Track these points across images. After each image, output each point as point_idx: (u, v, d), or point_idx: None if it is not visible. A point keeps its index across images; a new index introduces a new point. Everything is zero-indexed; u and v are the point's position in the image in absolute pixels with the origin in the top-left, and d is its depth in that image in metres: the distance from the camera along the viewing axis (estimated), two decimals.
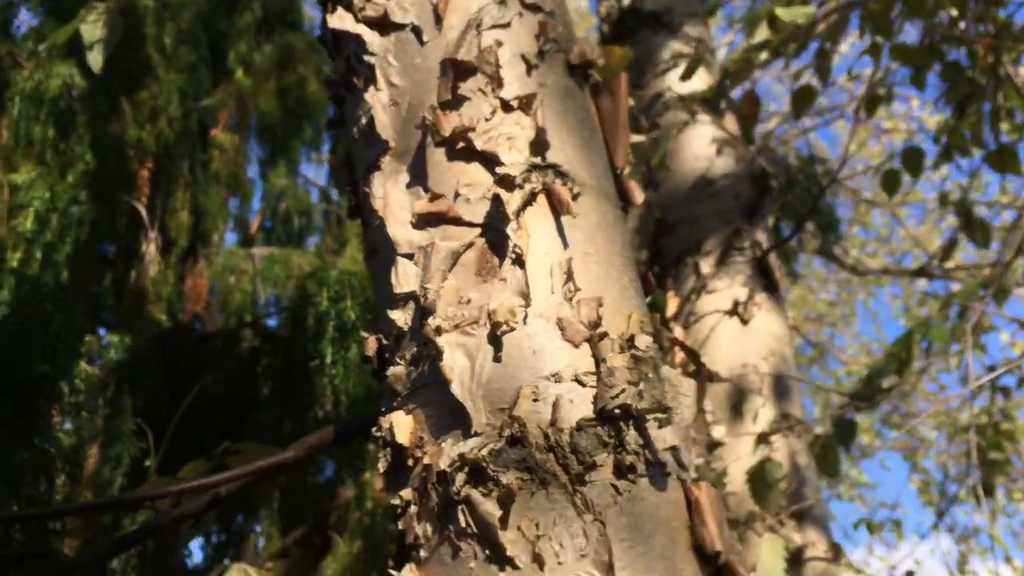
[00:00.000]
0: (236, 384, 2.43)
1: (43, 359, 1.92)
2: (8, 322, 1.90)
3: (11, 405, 1.89)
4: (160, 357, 2.34)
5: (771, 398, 2.22)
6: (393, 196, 1.11)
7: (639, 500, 0.99)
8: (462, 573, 0.96)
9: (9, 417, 1.88)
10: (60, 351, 1.93)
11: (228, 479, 1.27)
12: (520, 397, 1.00)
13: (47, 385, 1.92)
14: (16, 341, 1.87)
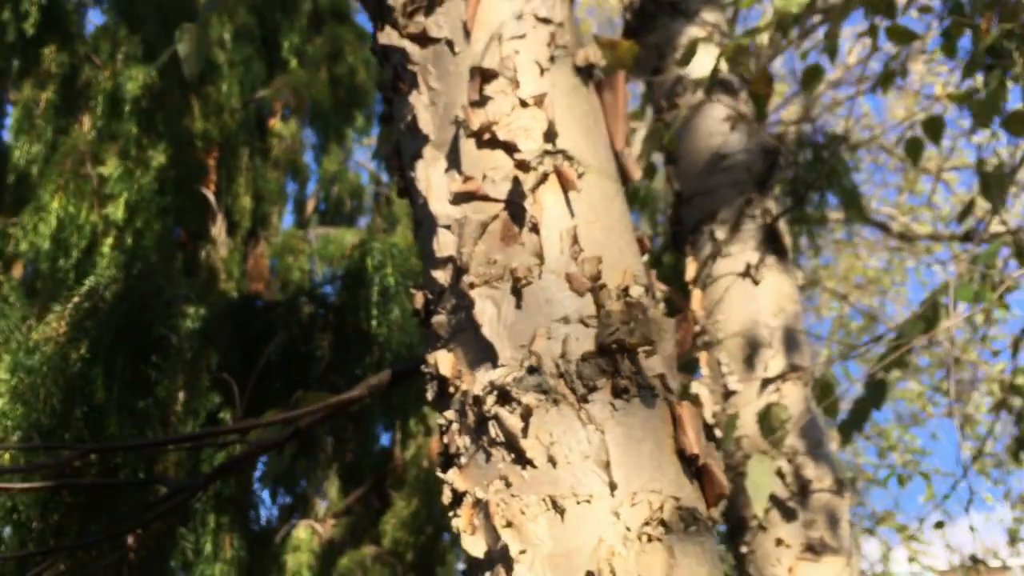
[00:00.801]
0: (297, 346, 2.72)
1: (160, 323, 2.22)
2: (130, 293, 2.21)
3: (134, 362, 2.21)
4: (231, 325, 2.63)
5: (780, 350, 2.45)
6: (434, 179, 1.38)
7: (632, 415, 1.24)
8: (493, 473, 1.23)
9: (135, 368, 2.19)
10: (172, 316, 2.24)
11: (305, 413, 1.55)
12: (536, 336, 1.26)
13: (163, 345, 2.24)
14: (138, 304, 2.18)
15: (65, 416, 2.09)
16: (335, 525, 4.67)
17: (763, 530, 2.31)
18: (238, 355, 2.63)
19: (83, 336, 2.16)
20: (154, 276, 2.30)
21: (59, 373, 2.12)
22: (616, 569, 1.13)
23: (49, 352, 2.15)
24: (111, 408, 2.13)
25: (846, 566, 2.27)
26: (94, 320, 2.17)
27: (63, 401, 2.08)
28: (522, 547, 1.18)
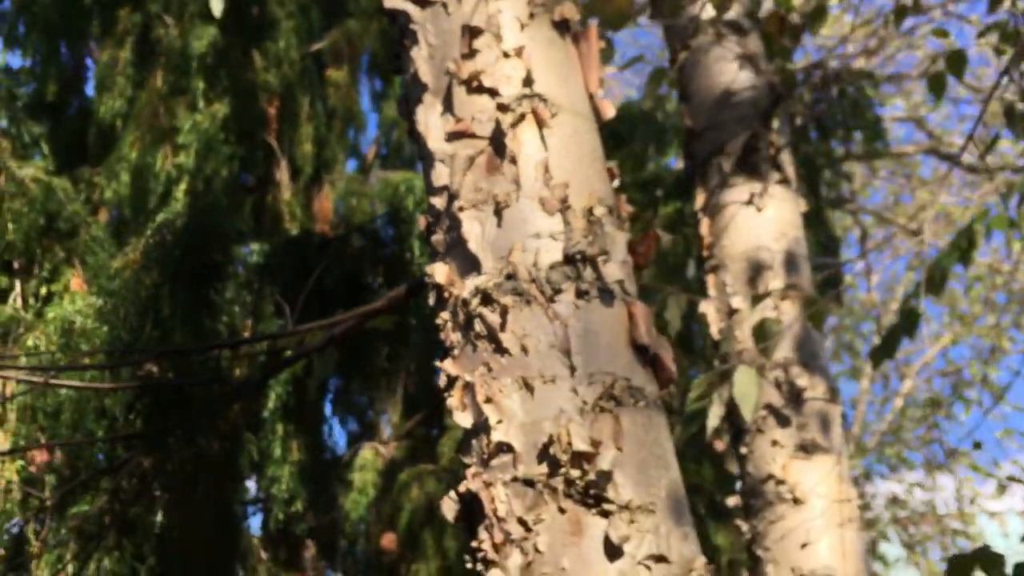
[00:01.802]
0: (349, 275, 3.03)
1: (216, 251, 2.55)
2: (192, 223, 2.54)
3: (196, 283, 2.55)
4: (292, 257, 2.95)
5: (780, 271, 2.66)
6: (431, 121, 1.64)
7: (591, 312, 1.50)
8: (477, 361, 1.51)
9: (196, 291, 2.53)
10: (227, 246, 2.56)
11: (339, 321, 1.84)
12: (513, 249, 1.52)
13: (220, 270, 2.57)
14: (200, 236, 2.51)
15: (139, 331, 2.43)
16: (397, 447, 5.02)
17: (760, 433, 2.55)
18: (299, 285, 2.95)
19: (153, 264, 2.51)
20: (213, 211, 2.62)
21: (134, 295, 2.46)
22: (572, 433, 1.41)
23: (126, 278, 2.50)
24: (176, 324, 2.47)
25: (836, 464, 2.50)
26: (162, 250, 2.51)
27: (138, 319, 2.43)
28: (499, 418, 1.46)
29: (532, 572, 1.39)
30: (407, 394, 5.61)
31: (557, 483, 1.40)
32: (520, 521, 1.41)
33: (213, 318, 2.56)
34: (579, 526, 1.39)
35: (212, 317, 2.56)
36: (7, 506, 2.56)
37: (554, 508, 1.40)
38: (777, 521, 2.46)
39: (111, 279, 2.48)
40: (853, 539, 2.44)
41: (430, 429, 5.14)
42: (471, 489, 1.47)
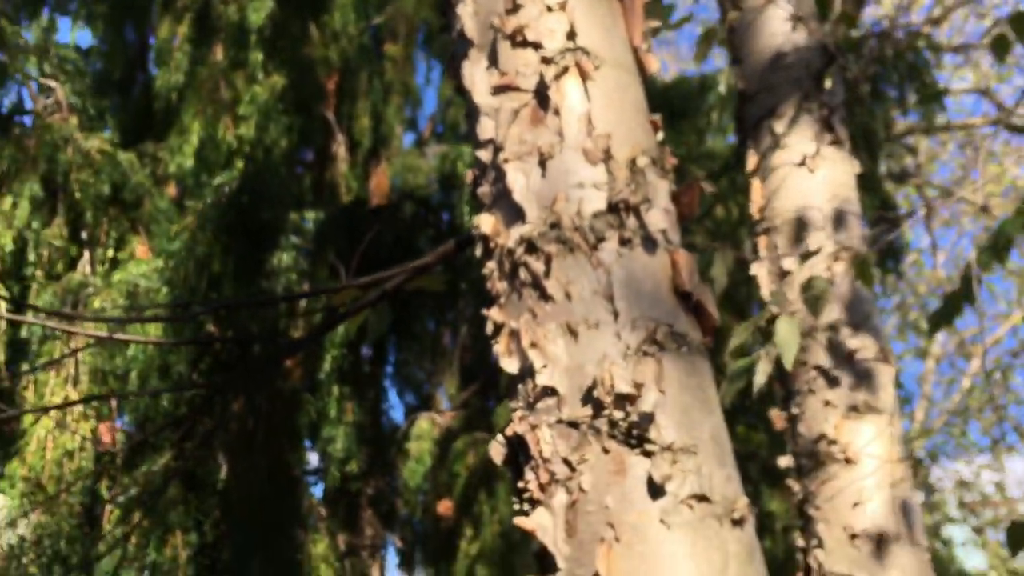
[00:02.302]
0: (401, 240, 3.09)
1: (268, 212, 2.63)
2: (244, 186, 2.62)
3: (249, 242, 2.63)
4: (345, 224, 3.01)
5: (831, 232, 2.64)
6: (477, 76, 1.67)
7: (634, 260, 1.53)
8: (523, 308, 1.54)
9: (249, 251, 2.62)
10: (279, 209, 2.64)
11: (390, 276, 1.89)
12: (557, 198, 1.55)
13: (271, 230, 2.65)
14: (253, 198, 2.60)
15: (195, 289, 2.53)
16: (453, 417, 5.09)
17: (811, 393, 2.55)
18: (353, 250, 3.03)
19: (208, 224, 2.60)
20: (266, 175, 2.70)
21: (190, 255, 2.55)
22: (615, 375, 1.44)
23: (185, 239, 2.59)
24: (228, 282, 2.56)
25: (888, 424, 2.49)
26: (216, 211, 2.60)
27: (195, 278, 2.52)
28: (544, 363, 1.49)
29: (576, 510, 1.42)
30: (463, 366, 5.69)
31: (601, 424, 1.43)
32: (565, 461, 1.44)
33: (266, 277, 2.65)
34: (622, 466, 1.42)
35: (265, 276, 2.65)
36: (81, 463, 2.68)
37: (598, 449, 1.43)
38: (829, 480, 2.46)
39: (171, 240, 2.58)
40: (906, 498, 2.43)
41: (486, 399, 5.21)
42: (517, 432, 1.51)
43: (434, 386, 5.77)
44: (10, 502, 2.81)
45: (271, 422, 2.73)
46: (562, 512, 1.44)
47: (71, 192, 3.15)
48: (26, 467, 2.81)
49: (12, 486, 2.90)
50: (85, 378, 2.81)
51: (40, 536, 2.77)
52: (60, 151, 3.23)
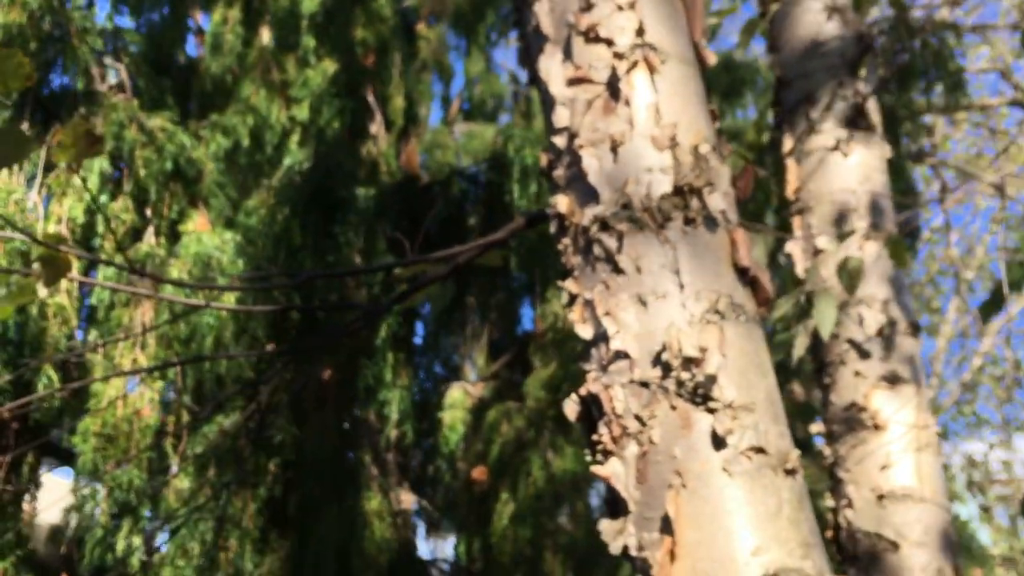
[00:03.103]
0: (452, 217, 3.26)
1: (342, 189, 2.80)
2: (319, 164, 2.79)
3: (323, 217, 2.81)
4: (397, 200, 3.18)
5: (864, 213, 2.80)
6: (553, 69, 1.84)
7: (698, 237, 1.70)
8: (596, 280, 1.72)
9: (324, 224, 2.80)
10: (350, 185, 2.81)
11: (463, 251, 2.07)
12: (628, 181, 1.72)
13: (343, 205, 2.82)
14: (326, 176, 2.77)
15: (274, 261, 2.71)
16: (484, 388, 5.28)
17: (843, 364, 2.72)
18: (405, 224, 3.21)
19: (285, 200, 2.77)
20: (335, 154, 2.88)
21: (269, 229, 2.73)
22: (682, 340, 1.61)
23: (261, 215, 2.77)
24: (307, 254, 2.74)
25: (916, 394, 2.66)
26: (292, 189, 2.77)
27: (272, 249, 2.71)
28: (617, 329, 1.67)
29: (647, 460, 1.61)
30: (491, 340, 5.88)
31: (669, 384, 1.61)
32: (636, 417, 1.62)
33: (338, 249, 2.83)
34: (688, 421, 1.60)
35: (337, 248, 2.83)
36: (151, 421, 2.87)
37: (666, 405, 1.61)
38: (858, 445, 2.64)
39: (248, 215, 2.75)
40: (931, 462, 2.61)
41: (514, 372, 5.40)
42: (591, 391, 1.69)
43: (463, 357, 5.96)
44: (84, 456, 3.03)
45: (336, 385, 2.91)
46: (633, 462, 1.62)
47: (136, 169, 3.33)
48: (99, 423, 3.01)
49: (85, 441, 3.11)
50: (152, 343, 2.99)
51: (112, 488, 2.98)
52: (126, 129, 3.40)
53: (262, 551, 3.19)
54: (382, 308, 2.13)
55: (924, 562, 2.50)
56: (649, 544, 1.58)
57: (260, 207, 2.86)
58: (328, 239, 2.94)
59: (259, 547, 3.18)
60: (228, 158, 4.32)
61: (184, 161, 3.40)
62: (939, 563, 2.51)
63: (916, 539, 2.52)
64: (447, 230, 3.30)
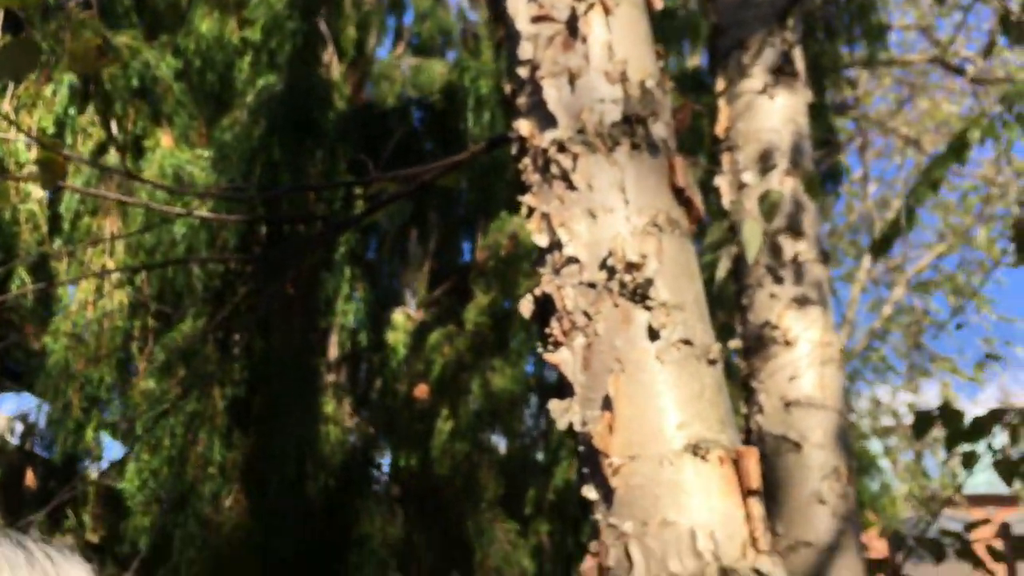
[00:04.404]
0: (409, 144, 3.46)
1: (315, 109, 2.98)
2: (294, 85, 2.97)
3: (296, 136, 2.99)
4: (356, 127, 3.36)
5: (786, 152, 3.09)
6: (519, 7, 2.05)
7: (642, 161, 1.95)
8: (552, 196, 1.96)
9: (298, 141, 2.98)
10: (323, 105, 2.99)
11: (428, 169, 2.29)
12: (583, 110, 1.96)
13: (315, 125, 3.01)
14: (296, 98, 2.94)
15: (248, 175, 2.90)
16: (425, 313, 5.51)
17: (760, 287, 3.02)
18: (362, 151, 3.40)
19: (262, 118, 2.95)
20: (309, 77, 3.05)
21: (244, 144, 2.91)
22: (626, 248, 1.87)
23: (236, 132, 2.94)
24: (283, 169, 2.93)
25: (822, 315, 2.98)
26: (269, 107, 2.95)
27: (247, 164, 2.89)
28: (569, 238, 1.92)
29: (592, 350, 1.87)
30: (431, 271, 6.11)
31: (613, 285, 1.87)
32: (584, 313, 1.88)
33: (309, 167, 3.01)
34: (628, 317, 1.87)
35: (309, 166, 3.01)
36: (119, 323, 3.04)
37: (610, 303, 1.87)
38: (770, 359, 2.95)
39: (223, 131, 2.92)
40: (833, 375, 2.94)
41: (453, 301, 5.63)
42: (545, 291, 1.94)
43: (403, 285, 6.18)
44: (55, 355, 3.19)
45: (299, 296, 3.10)
46: (580, 351, 1.88)
47: (102, 84, 3.43)
48: (69, 324, 3.17)
49: (56, 341, 3.27)
50: (120, 250, 3.14)
51: (83, 385, 3.16)
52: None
53: (228, 447, 3.41)
54: (349, 221, 2.34)
55: (823, 461, 2.84)
56: (591, 420, 1.86)
57: (234, 125, 3.02)
58: (304, 155, 3.12)
59: (226, 443, 3.41)
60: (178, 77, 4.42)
61: (149, 79, 3.52)
62: (835, 462, 2.85)
63: (816, 441, 2.86)
64: (404, 157, 3.49)
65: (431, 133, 3.64)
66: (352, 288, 3.48)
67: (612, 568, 1.78)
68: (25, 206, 3.16)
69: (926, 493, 16.73)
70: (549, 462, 4.56)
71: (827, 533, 2.78)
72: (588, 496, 1.87)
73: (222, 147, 3.02)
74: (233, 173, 2.98)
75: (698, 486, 1.78)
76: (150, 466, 3.28)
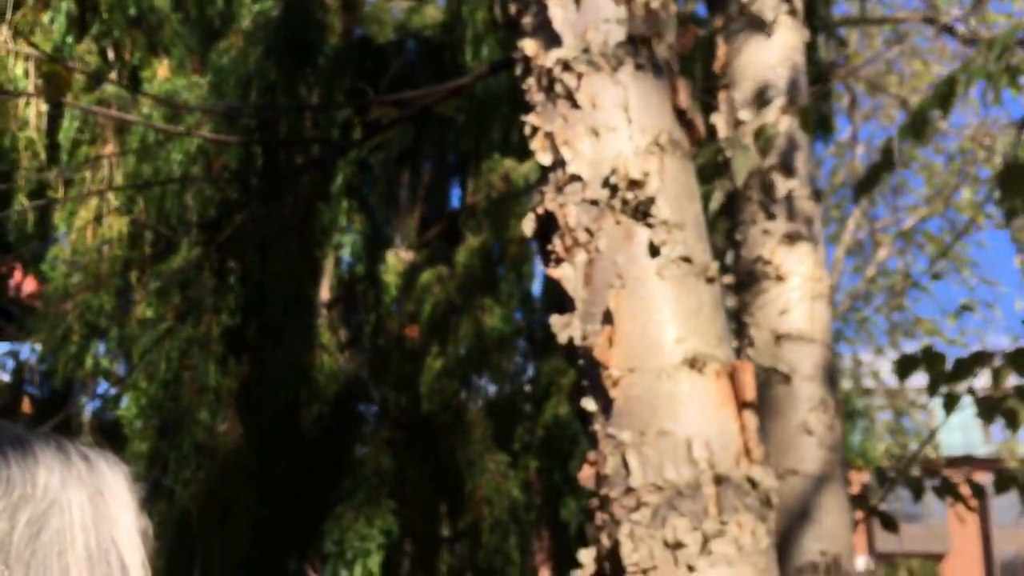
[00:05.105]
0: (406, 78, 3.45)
1: (312, 33, 2.98)
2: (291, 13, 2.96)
3: (293, 60, 2.99)
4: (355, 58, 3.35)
5: (783, 90, 3.11)
6: None
7: (646, 81, 1.97)
8: (556, 114, 1.97)
9: (295, 64, 2.98)
10: (319, 29, 2.99)
11: (431, 93, 2.29)
12: (588, 29, 1.96)
13: (312, 50, 3.00)
14: (293, 22, 2.94)
15: (245, 96, 2.89)
16: (416, 254, 5.52)
17: (753, 223, 3.05)
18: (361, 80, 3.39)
19: (258, 42, 2.94)
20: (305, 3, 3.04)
21: (241, 67, 2.90)
22: (628, 166, 1.90)
23: (232, 55, 2.93)
24: (280, 91, 2.93)
25: (813, 251, 3.02)
26: (265, 31, 2.94)
27: (244, 89, 2.89)
28: (572, 156, 1.94)
29: (593, 266, 1.90)
30: (421, 216, 6.12)
31: (615, 203, 1.90)
32: (586, 230, 1.91)
33: (309, 92, 3.01)
34: (630, 234, 1.89)
35: (309, 91, 3.01)
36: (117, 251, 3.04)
37: (612, 221, 1.90)
38: (761, 294, 2.99)
39: (220, 56, 2.91)
40: (821, 310, 2.98)
41: (443, 244, 5.65)
42: (548, 209, 1.97)
43: (394, 230, 6.18)
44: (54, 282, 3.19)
45: (296, 225, 3.12)
46: (582, 267, 1.91)
47: (101, 12, 3.40)
48: (67, 251, 3.17)
49: (53, 269, 3.27)
50: (119, 179, 3.13)
51: (83, 312, 3.17)
52: None
53: (224, 373, 3.44)
54: (349, 144, 2.35)
55: (811, 393, 2.89)
56: (592, 334, 1.89)
57: (230, 49, 3.01)
58: (297, 82, 3.12)
59: (221, 369, 3.44)
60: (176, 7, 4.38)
61: (146, 8, 3.49)
62: (823, 394, 2.91)
63: (805, 374, 2.91)
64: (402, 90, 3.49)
65: (428, 67, 3.64)
66: (349, 220, 3.50)
67: (609, 476, 1.82)
68: (24, 133, 3.15)
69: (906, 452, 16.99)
70: (539, 398, 4.61)
71: (813, 462, 2.84)
72: (587, 408, 1.91)
73: (219, 71, 3.02)
74: (230, 97, 2.98)
75: (695, 398, 1.83)
76: (147, 393, 3.32)
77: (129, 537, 0.82)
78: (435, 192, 6.34)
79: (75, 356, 3.31)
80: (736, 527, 1.72)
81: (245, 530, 3.44)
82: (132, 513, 0.84)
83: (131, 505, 0.84)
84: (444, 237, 5.67)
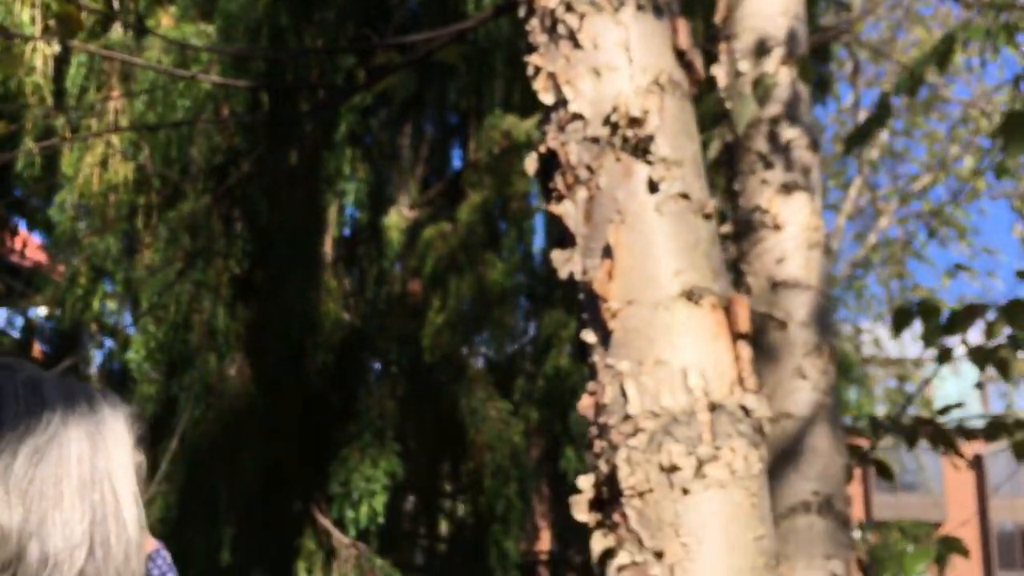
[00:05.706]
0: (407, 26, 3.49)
1: None
2: None
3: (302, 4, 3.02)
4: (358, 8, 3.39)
5: (782, 41, 3.13)
6: None
7: (647, 21, 1.98)
8: (559, 55, 2.01)
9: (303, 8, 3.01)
10: None
11: (432, 37, 2.33)
12: None
13: None
14: None
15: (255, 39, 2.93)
16: (419, 212, 5.56)
17: (752, 174, 3.09)
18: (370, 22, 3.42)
19: None
20: None
21: (250, 15, 2.93)
22: (629, 104, 1.94)
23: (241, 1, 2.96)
24: (290, 36, 2.96)
25: (810, 201, 3.07)
26: None
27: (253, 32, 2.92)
28: (574, 95, 1.98)
29: (594, 202, 1.95)
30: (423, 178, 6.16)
31: (616, 140, 1.94)
32: (587, 167, 1.95)
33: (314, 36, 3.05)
34: (630, 170, 1.94)
35: (313, 35, 3.04)
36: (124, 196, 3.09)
37: (612, 158, 1.94)
38: (759, 243, 3.04)
39: (228, 1, 2.94)
40: (817, 258, 3.03)
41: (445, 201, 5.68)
42: (550, 147, 2.01)
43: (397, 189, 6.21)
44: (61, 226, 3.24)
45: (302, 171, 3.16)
46: (582, 204, 1.96)
47: None
48: (75, 195, 3.21)
49: (62, 211, 3.31)
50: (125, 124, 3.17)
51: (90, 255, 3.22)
52: None
53: (232, 317, 3.50)
54: (354, 89, 2.38)
55: (806, 339, 2.95)
56: (592, 268, 1.94)
57: None
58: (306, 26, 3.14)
59: (230, 313, 3.49)
60: None
61: None
62: (818, 340, 2.97)
63: (801, 320, 2.96)
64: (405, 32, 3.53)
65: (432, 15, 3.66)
66: (352, 169, 3.53)
67: (608, 404, 1.88)
68: (30, 78, 3.18)
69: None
70: (540, 351, 4.68)
71: (807, 406, 2.90)
72: (587, 339, 1.96)
73: (227, 17, 3.05)
74: (240, 43, 3.01)
75: (691, 329, 1.88)
76: (156, 336, 3.38)
77: (123, 470, 0.87)
78: (436, 153, 6.37)
79: (82, 298, 3.36)
80: (729, 452, 1.78)
81: (253, 471, 3.52)
82: (128, 449, 0.90)
83: (127, 441, 0.90)
84: (446, 196, 5.70)
